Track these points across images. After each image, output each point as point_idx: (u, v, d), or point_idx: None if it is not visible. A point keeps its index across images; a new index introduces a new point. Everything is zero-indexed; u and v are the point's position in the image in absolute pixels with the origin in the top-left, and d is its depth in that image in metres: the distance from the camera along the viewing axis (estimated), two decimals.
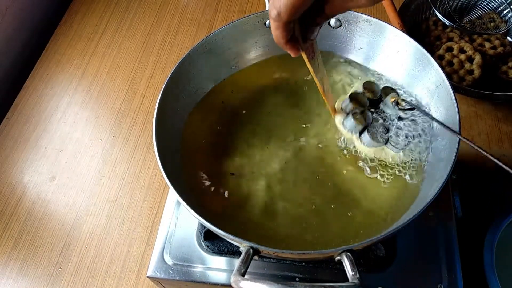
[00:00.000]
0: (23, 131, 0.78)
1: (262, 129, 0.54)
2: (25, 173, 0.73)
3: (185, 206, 0.42)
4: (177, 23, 0.92)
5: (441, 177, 0.42)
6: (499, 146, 0.68)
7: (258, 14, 0.56)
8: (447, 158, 0.45)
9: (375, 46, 0.56)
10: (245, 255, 0.39)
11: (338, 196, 0.49)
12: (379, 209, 0.48)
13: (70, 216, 0.68)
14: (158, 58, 0.87)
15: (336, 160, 0.51)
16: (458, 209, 0.55)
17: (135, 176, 0.71)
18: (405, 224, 0.39)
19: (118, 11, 0.95)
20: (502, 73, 0.73)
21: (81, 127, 0.78)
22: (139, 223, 0.67)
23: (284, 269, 0.50)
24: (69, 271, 0.63)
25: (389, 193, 0.49)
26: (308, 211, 0.48)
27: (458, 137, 0.43)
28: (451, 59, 0.73)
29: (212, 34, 0.55)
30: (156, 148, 0.46)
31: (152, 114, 0.51)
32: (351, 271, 0.37)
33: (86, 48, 0.89)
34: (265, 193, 0.49)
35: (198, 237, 0.53)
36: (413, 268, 0.50)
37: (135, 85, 0.83)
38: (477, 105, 0.73)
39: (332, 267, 0.50)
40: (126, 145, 0.75)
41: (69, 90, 0.83)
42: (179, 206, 0.56)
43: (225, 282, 0.50)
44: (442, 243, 0.51)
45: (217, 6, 0.94)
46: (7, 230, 0.68)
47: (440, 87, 0.49)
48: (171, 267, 0.51)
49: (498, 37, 0.75)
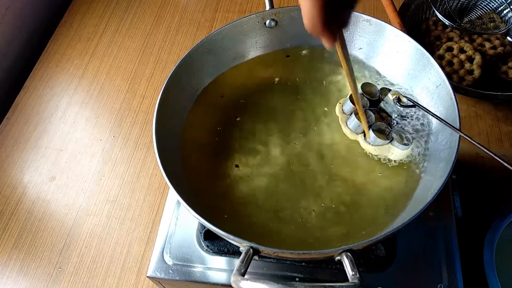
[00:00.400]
0: (23, 131, 0.78)
1: (263, 129, 0.54)
2: (25, 173, 0.73)
3: (185, 206, 0.42)
4: (177, 23, 0.92)
5: (441, 177, 0.42)
6: (499, 146, 0.68)
7: (258, 14, 0.56)
8: (447, 158, 0.45)
9: (375, 46, 0.56)
10: (245, 255, 0.39)
11: (339, 195, 0.49)
12: (380, 207, 0.48)
13: (70, 216, 0.68)
14: (158, 58, 0.87)
15: (339, 158, 0.51)
16: (458, 209, 0.55)
17: (135, 176, 0.71)
18: (405, 224, 0.39)
19: (118, 11, 0.95)
20: (502, 73, 0.73)
21: (81, 127, 0.78)
22: (139, 223, 0.67)
23: (284, 269, 0.50)
24: (69, 271, 0.63)
25: (391, 189, 0.49)
26: (309, 211, 0.48)
27: (458, 133, 0.43)
28: (451, 59, 0.73)
29: (212, 34, 0.55)
30: (156, 148, 0.46)
31: (152, 114, 0.51)
32: (351, 271, 0.37)
33: (86, 48, 0.89)
34: (266, 193, 0.49)
35: (198, 237, 0.53)
36: (413, 268, 0.50)
37: (135, 85, 0.83)
38: (477, 105, 0.73)
39: (332, 267, 0.50)
40: (126, 145, 0.75)
41: (69, 90, 0.83)
42: (179, 206, 0.56)
43: (225, 282, 0.50)
44: (442, 243, 0.51)
45: (217, 6, 0.94)
46: (7, 230, 0.68)
47: (440, 87, 0.49)
48: (171, 267, 0.51)
49: (498, 37, 0.75)
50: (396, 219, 0.46)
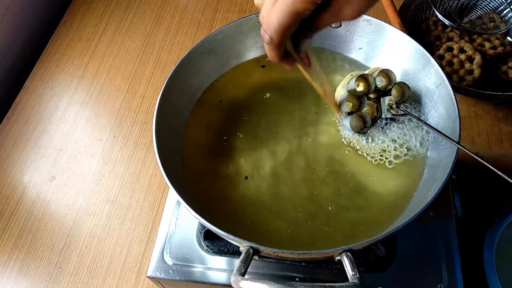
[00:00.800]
0: (23, 131, 0.78)
1: (263, 128, 0.54)
2: (25, 173, 0.73)
3: (185, 206, 0.42)
4: (177, 23, 0.92)
5: (441, 177, 0.42)
6: (499, 146, 0.68)
7: (258, 14, 0.56)
8: (447, 158, 0.45)
9: (375, 46, 0.56)
10: (245, 255, 0.39)
11: (339, 195, 0.49)
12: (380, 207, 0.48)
13: (70, 216, 0.68)
14: (158, 58, 0.87)
15: (340, 156, 0.51)
16: (458, 209, 0.55)
17: (135, 176, 0.71)
18: (405, 224, 0.39)
19: (118, 11, 0.95)
20: (502, 73, 0.73)
21: (81, 127, 0.78)
22: (139, 223, 0.67)
23: (284, 269, 0.50)
24: (69, 271, 0.63)
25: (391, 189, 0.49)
26: (310, 211, 0.48)
27: (456, 145, 0.43)
28: (451, 59, 0.73)
29: (212, 34, 0.55)
30: (156, 148, 0.46)
31: (152, 114, 0.51)
32: (351, 271, 0.37)
33: (86, 48, 0.89)
34: (266, 193, 0.49)
35: (198, 237, 0.53)
36: (413, 268, 0.50)
37: (135, 85, 0.83)
38: (477, 105, 0.73)
39: (332, 267, 0.50)
40: (126, 145, 0.75)
41: (69, 90, 0.83)
42: (179, 206, 0.56)
43: (225, 282, 0.50)
44: (442, 243, 0.51)
45: (217, 6, 0.94)
46: (7, 230, 0.68)
47: (440, 87, 0.49)
48: (171, 267, 0.51)
49: (498, 37, 0.75)
50: (396, 219, 0.46)
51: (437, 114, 0.50)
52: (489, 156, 0.66)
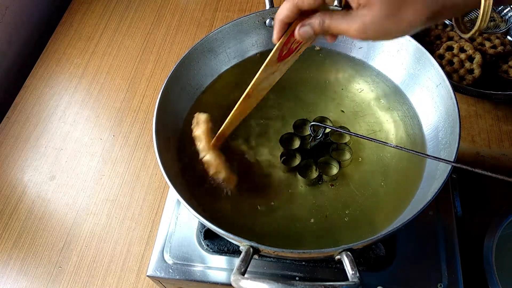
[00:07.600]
0: (23, 130, 0.78)
1: (263, 128, 0.54)
2: (25, 172, 0.73)
3: (185, 205, 0.42)
4: (177, 22, 0.92)
5: (441, 177, 0.42)
6: (499, 145, 0.68)
7: (258, 13, 0.56)
8: (447, 157, 0.45)
9: (375, 45, 0.56)
10: (245, 254, 0.39)
11: (339, 196, 0.49)
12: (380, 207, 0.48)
13: (70, 215, 0.68)
14: (158, 57, 0.87)
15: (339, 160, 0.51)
16: (458, 209, 0.55)
17: (135, 175, 0.71)
18: (405, 223, 0.39)
19: (118, 11, 0.95)
20: (502, 72, 0.73)
21: (81, 126, 0.78)
22: (139, 222, 0.67)
23: (284, 268, 0.50)
24: (69, 270, 0.63)
25: (391, 189, 0.48)
26: (308, 211, 0.48)
27: (451, 164, 0.42)
28: (451, 58, 0.73)
29: (212, 33, 0.55)
30: (156, 148, 0.46)
31: (152, 113, 0.51)
32: (351, 270, 0.37)
33: (86, 48, 0.89)
34: (266, 192, 0.49)
35: (198, 236, 0.53)
36: (413, 267, 0.50)
37: (135, 84, 0.83)
38: (477, 104, 0.73)
39: (332, 266, 0.50)
40: (126, 144, 0.75)
41: (69, 89, 0.83)
42: (179, 205, 0.56)
43: (225, 281, 0.50)
44: (442, 243, 0.51)
45: (217, 5, 0.94)
46: (7, 229, 0.68)
47: (440, 86, 0.49)
48: (171, 266, 0.51)
49: (498, 36, 0.75)
50: (396, 219, 0.46)
51: (437, 113, 0.50)
52: (489, 155, 0.66)
